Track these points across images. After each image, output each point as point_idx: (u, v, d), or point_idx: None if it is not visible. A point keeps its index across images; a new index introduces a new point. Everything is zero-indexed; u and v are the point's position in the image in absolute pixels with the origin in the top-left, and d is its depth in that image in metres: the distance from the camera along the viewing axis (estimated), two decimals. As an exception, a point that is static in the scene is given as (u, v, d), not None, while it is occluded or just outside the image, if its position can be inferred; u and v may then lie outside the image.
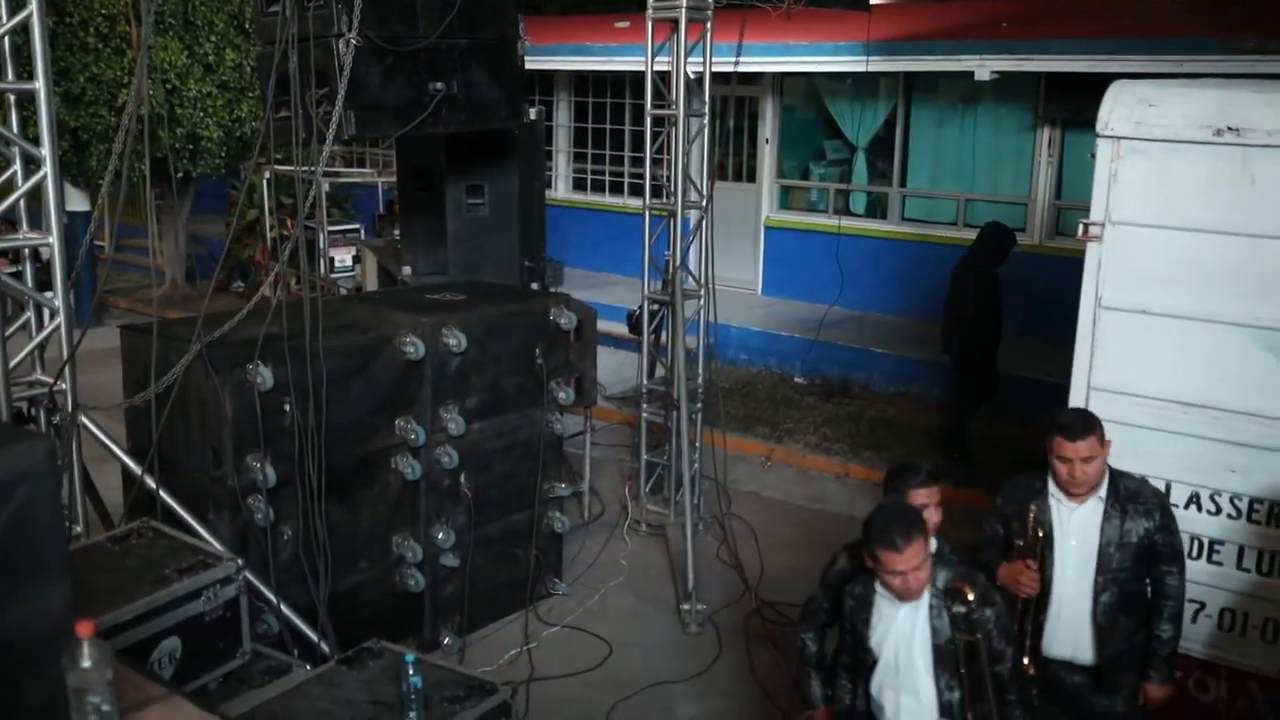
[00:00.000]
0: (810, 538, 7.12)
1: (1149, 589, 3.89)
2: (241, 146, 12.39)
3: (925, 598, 3.35)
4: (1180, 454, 4.43)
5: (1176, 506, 4.47)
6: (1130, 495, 3.84)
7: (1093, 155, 4.46)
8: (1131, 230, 4.39)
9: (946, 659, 3.34)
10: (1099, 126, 4.39)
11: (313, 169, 5.12)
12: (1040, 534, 3.88)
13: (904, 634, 3.36)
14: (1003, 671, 3.38)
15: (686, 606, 6.14)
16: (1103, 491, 3.84)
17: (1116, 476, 3.88)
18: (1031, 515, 3.88)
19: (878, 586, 3.38)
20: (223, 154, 12.29)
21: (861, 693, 3.52)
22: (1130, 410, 4.49)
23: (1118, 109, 4.36)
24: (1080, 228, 4.52)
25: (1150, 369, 4.44)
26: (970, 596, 3.32)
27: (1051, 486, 3.88)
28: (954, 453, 8.36)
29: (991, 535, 4.12)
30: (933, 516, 3.63)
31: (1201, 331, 4.32)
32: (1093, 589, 3.83)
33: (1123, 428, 4.51)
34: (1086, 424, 3.80)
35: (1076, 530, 3.84)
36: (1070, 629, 3.91)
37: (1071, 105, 10.22)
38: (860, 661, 3.49)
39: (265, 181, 12.33)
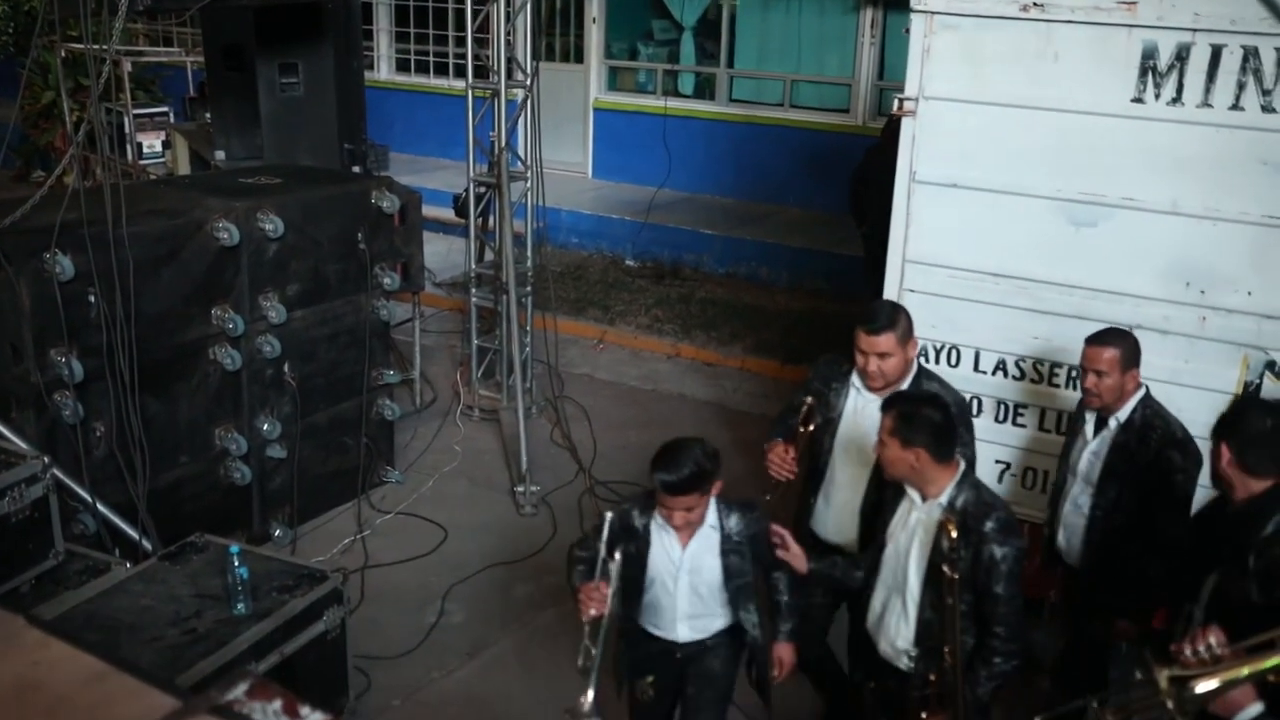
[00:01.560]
0: (643, 417, 7.23)
1: None
2: (30, 21, 11.50)
3: (935, 510, 3.31)
4: (989, 323, 4.64)
5: (984, 374, 4.71)
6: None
7: (908, 31, 4.53)
8: (943, 105, 4.50)
9: (935, 579, 3.29)
10: (913, 1, 4.46)
11: (106, 47, 4.78)
12: (811, 426, 3.91)
13: (905, 536, 3.39)
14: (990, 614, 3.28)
15: (520, 489, 6.19)
16: (901, 389, 3.80)
17: (922, 378, 3.86)
18: (806, 405, 3.91)
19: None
20: (9, 30, 11.39)
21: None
22: (943, 282, 4.67)
23: (932, -16, 4.42)
24: (895, 103, 4.61)
25: (961, 241, 4.61)
26: (953, 534, 3.19)
27: (855, 374, 3.89)
28: None
29: (793, 405, 4.07)
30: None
31: (1009, 204, 4.49)
32: (865, 484, 3.84)
33: (936, 299, 4.70)
34: (889, 319, 3.77)
35: (867, 421, 3.75)
36: (838, 516, 3.97)
37: (892, -15, 10.35)
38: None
39: (59, 61, 11.50)
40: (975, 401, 4.70)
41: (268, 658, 3.73)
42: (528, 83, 6.86)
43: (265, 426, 5.44)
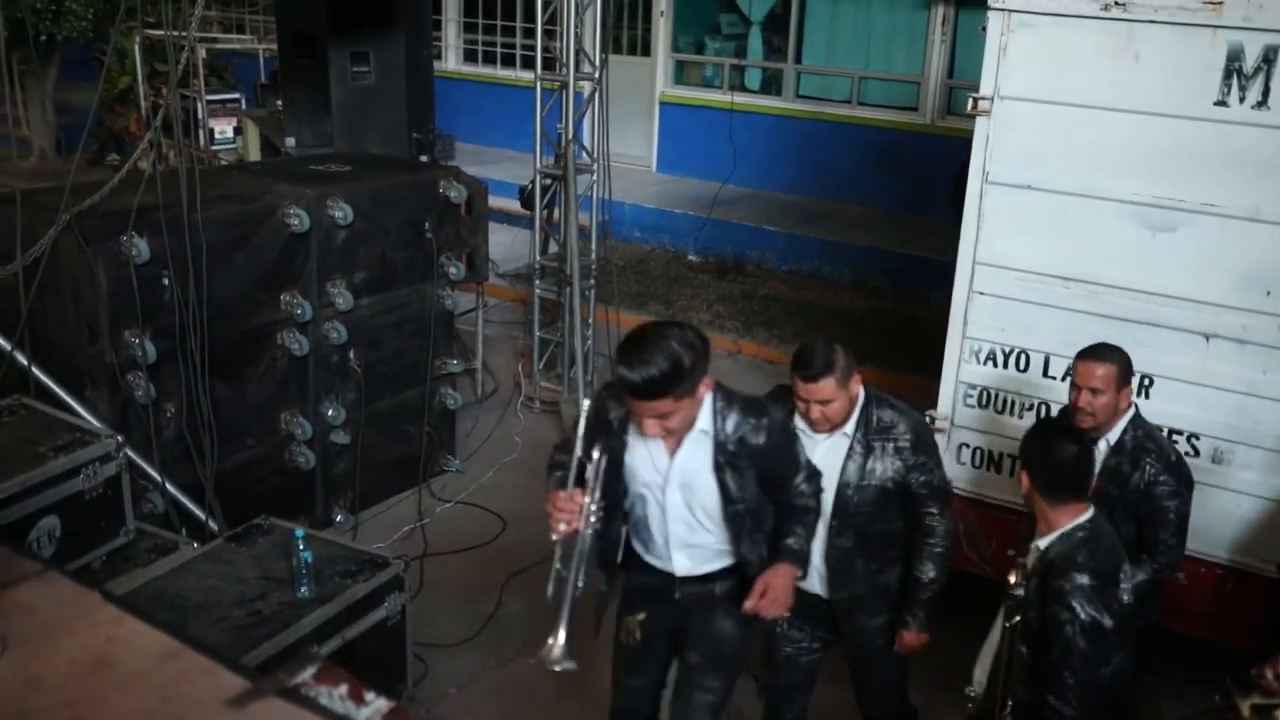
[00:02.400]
0: (702, 413, 7.21)
1: (907, 527, 3.59)
2: (109, 8, 11.71)
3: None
4: (1059, 328, 4.55)
5: (1054, 379, 4.63)
6: (881, 430, 3.47)
7: (984, 29, 4.46)
8: (1019, 105, 4.42)
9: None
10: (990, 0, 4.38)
11: (184, 33, 4.86)
12: None
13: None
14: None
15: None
16: (850, 426, 3.48)
17: (871, 405, 3.50)
18: None
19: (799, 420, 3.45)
20: (89, 16, 11.60)
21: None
22: (1013, 285, 4.59)
23: (1010, -18, 4.35)
24: (970, 102, 4.55)
25: (1033, 244, 4.53)
26: (1012, 582, 3.18)
27: (797, 416, 3.50)
28: None
29: None
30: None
31: (1082, 207, 4.40)
32: (826, 531, 3.50)
33: (1006, 302, 4.63)
34: (825, 363, 3.37)
35: (819, 462, 3.43)
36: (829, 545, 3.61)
37: (965, -18, 10.22)
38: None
39: (136, 46, 11.70)
40: (1044, 407, 4.63)
41: (330, 641, 3.78)
42: (596, 75, 6.86)
43: (330, 412, 5.50)
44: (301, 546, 3.78)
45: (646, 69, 12.53)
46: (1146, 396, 4.36)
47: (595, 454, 2.96)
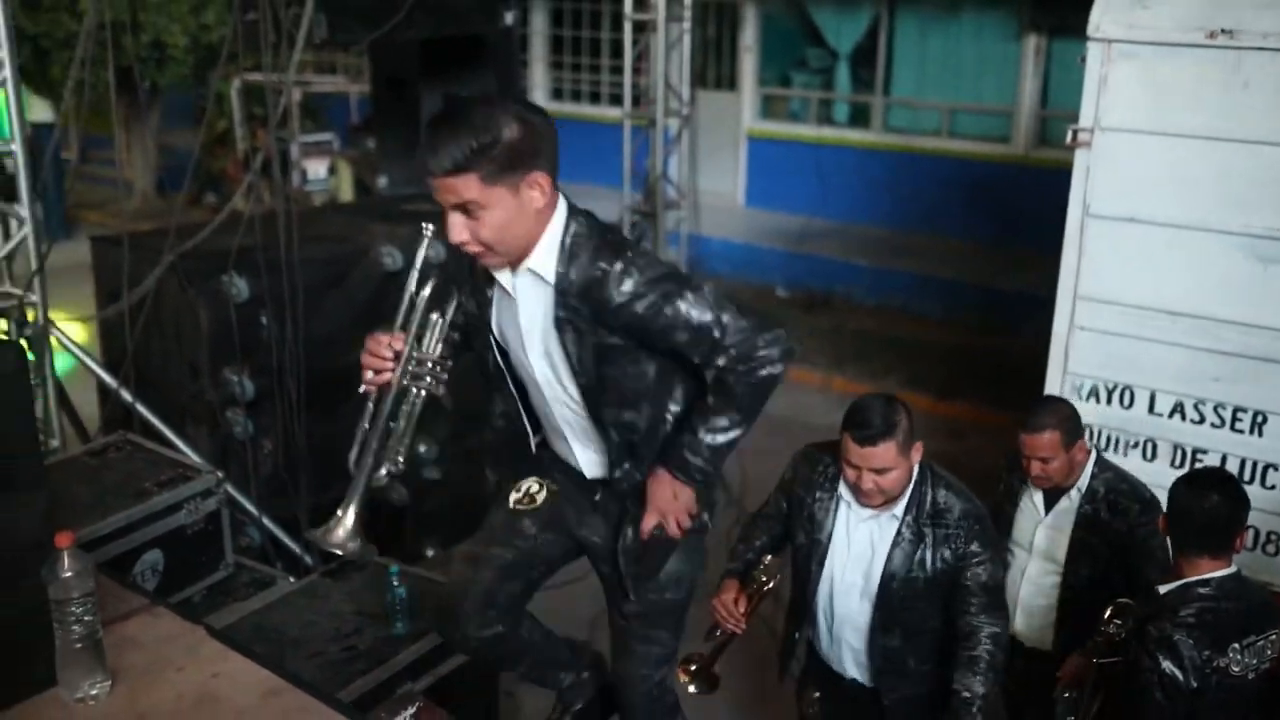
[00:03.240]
0: (792, 448, 7.10)
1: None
2: (209, 54, 12.08)
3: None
4: (1165, 363, 4.42)
5: (1160, 416, 4.49)
6: (935, 515, 3.08)
7: (1082, 60, 4.37)
8: (1121, 136, 4.32)
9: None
10: (1090, 29, 4.29)
11: (283, 76, 4.98)
12: (767, 582, 3.27)
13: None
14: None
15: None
16: (899, 507, 3.09)
17: (926, 483, 3.10)
18: (766, 563, 3.29)
19: None
20: (189, 62, 11.99)
21: None
22: (1116, 319, 4.47)
23: (1109, 11, 4.26)
24: (1069, 134, 4.45)
25: (1137, 277, 4.40)
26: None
27: (843, 483, 3.15)
28: None
29: (770, 509, 3.49)
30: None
31: (1189, 239, 4.28)
32: (869, 621, 3.17)
33: (1108, 337, 4.51)
34: (886, 422, 2.98)
35: (862, 543, 3.15)
36: (852, 650, 3.29)
37: (1058, 11, 10.07)
38: None
39: (235, 91, 12.05)
40: (1150, 445, 4.49)
41: (423, 678, 3.77)
42: (685, 112, 6.88)
43: (422, 449, 5.54)
44: (396, 582, 3.79)
45: (733, 104, 12.55)
46: (1260, 434, 4.20)
47: (427, 290, 2.45)
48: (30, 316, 4.68)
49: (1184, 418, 4.40)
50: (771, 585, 3.28)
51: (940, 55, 11.37)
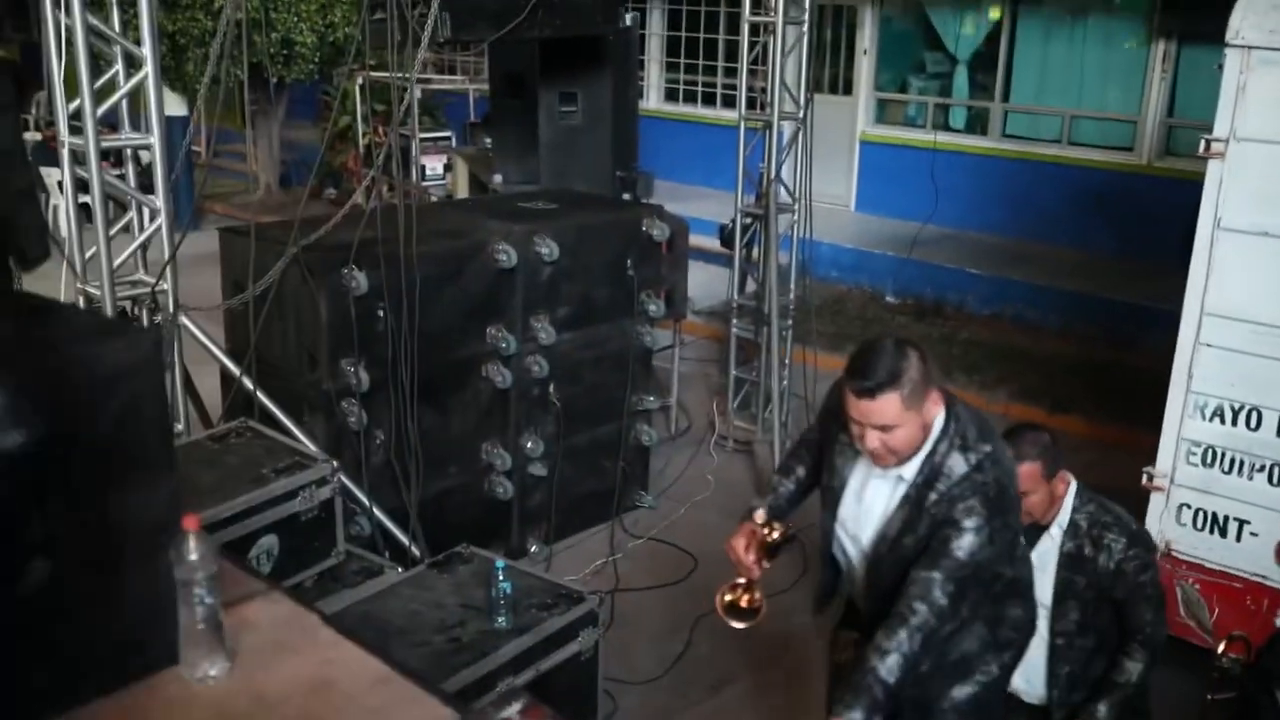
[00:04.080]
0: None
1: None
2: (335, 52, 12.39)
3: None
4: (1297, 384, 4.26)
5: (1288, 438, 4.32)
6: (934, 478, 2.77)
7: (1220, 67, 4.23)
8: (1258, 147, 4.17)
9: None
10: (1229, 35, 4.15)
11: (407, 75, 5.07)
12: (778, 540, 3.00)
13: None
14: None
15: (772, 523, 6.11)
16: (910, 469, 2.79)
17: (945, 441, 2.76)
18: (778, 530, 2.99)
19: None
20: (316, 59, 12.31)
21: None
22: (1246, 337, 4.31)
23: (1250, 16, 4.12)
24: (1202, 144, 4.30)
25: (1269, 295, 4.25)
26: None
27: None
28: None
29: (812, 434, 3.26)
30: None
31: (1328, 257, 4.11)
32: (863, 581, 3.03)
33: (1237, 355, 4.35)
34: (891, 373, 2.65)
35: (871, 500, 2.92)
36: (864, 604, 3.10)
37: (1189, 17, 9.75)
38: None
39: (358, 88, 12.33)
40: (1276, 469, 4.32)
41: (524, 673, 3.81)
42: (800, 115, 6.83)
43: (529, 444, 5.61)
44: (501, 577, 3.83)
45: (848, 108, 12.43)
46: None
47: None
48: (161, 304, 4.85)
49: (1316, 442, 4.23)
50: (780, 539, 3.01)
51: (1063, 61, 11.10)
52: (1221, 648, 3.12)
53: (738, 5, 7.16)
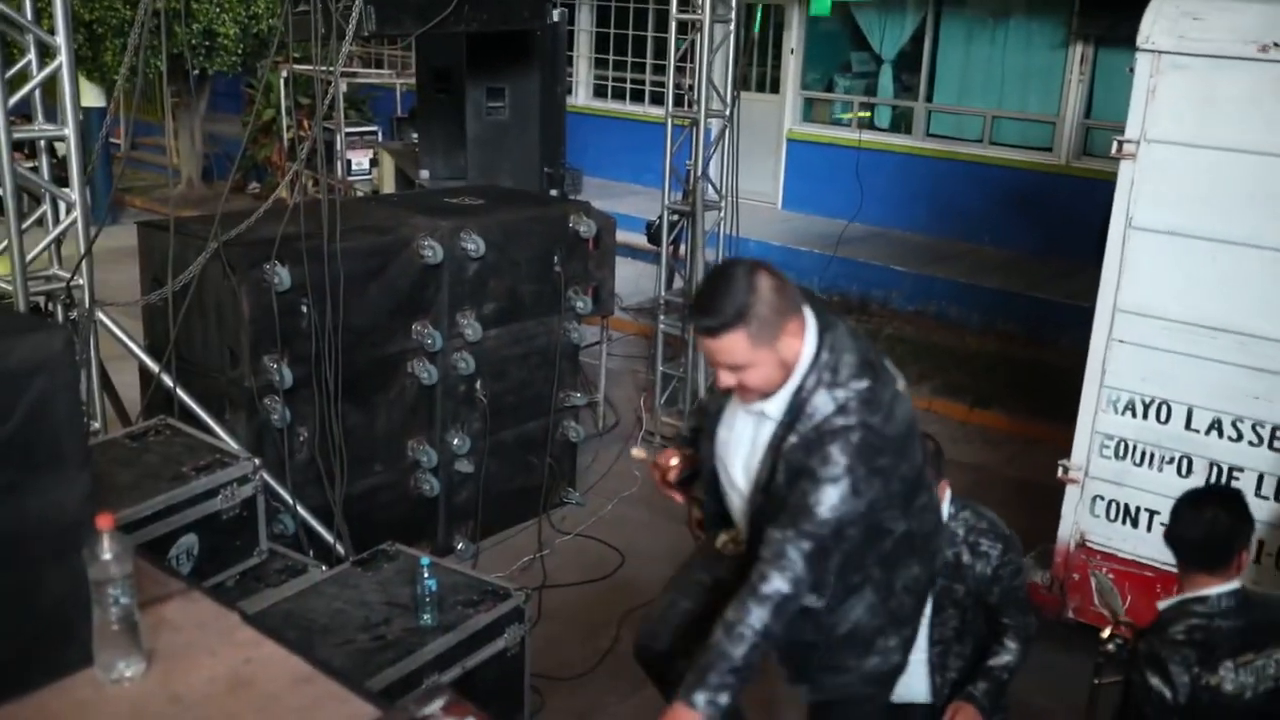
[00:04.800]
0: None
1: None
2: (258, 44, 12.20)
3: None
4: (1204, 379, 4.39)
5: (1196, 432, 4.45)
6: (797, 417, 2.54)
7: (1131, 70, 4.34)
8: (1167, 149, 4.29)
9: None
10: (1140, 40, 4.27)
11: (331, 68, 5.02)
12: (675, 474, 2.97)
13: None
14: None
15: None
16: (775, 406, 2.57)
17: (810, 382, 2.53)
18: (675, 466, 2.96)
19: None
20: (239, 51, 12.11)
21: None
22: (1156, 334, 4.45)
23: (1160, 22, 4.24)
24: (1114, 145, 4.42)
25: (1178, 292, 4.38)
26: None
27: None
28: None
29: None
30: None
31: (1234, 255, 4.25)
32: (747, 525, 2.80)
33: (1147, 351, 4.48)
34: (737, 310, 2.44)
35: (735, 436, 2.75)
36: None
37: (1105, 21, 9.97)
38: None
39: (282, 80, 12.17)
40: (1185, 461, 4.46)
41: (450, 670, 3.80)
42: (727, 113, 6.88)
43: (455, 441, 5.58)
44: (427, 574, 3.82)
45: (775, 106, 12.52)
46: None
47: None
48: (76, 300, 4.75)
49: (1221, 434, 4.38)
50: (680, 475, 2.96)
51: (984, 63, 11.30)
52: (1107, 632, 3.21)
53: (666, 3, 7.19)
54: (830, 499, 2.46)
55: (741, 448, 2.70)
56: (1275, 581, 4.30)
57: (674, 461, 2.93)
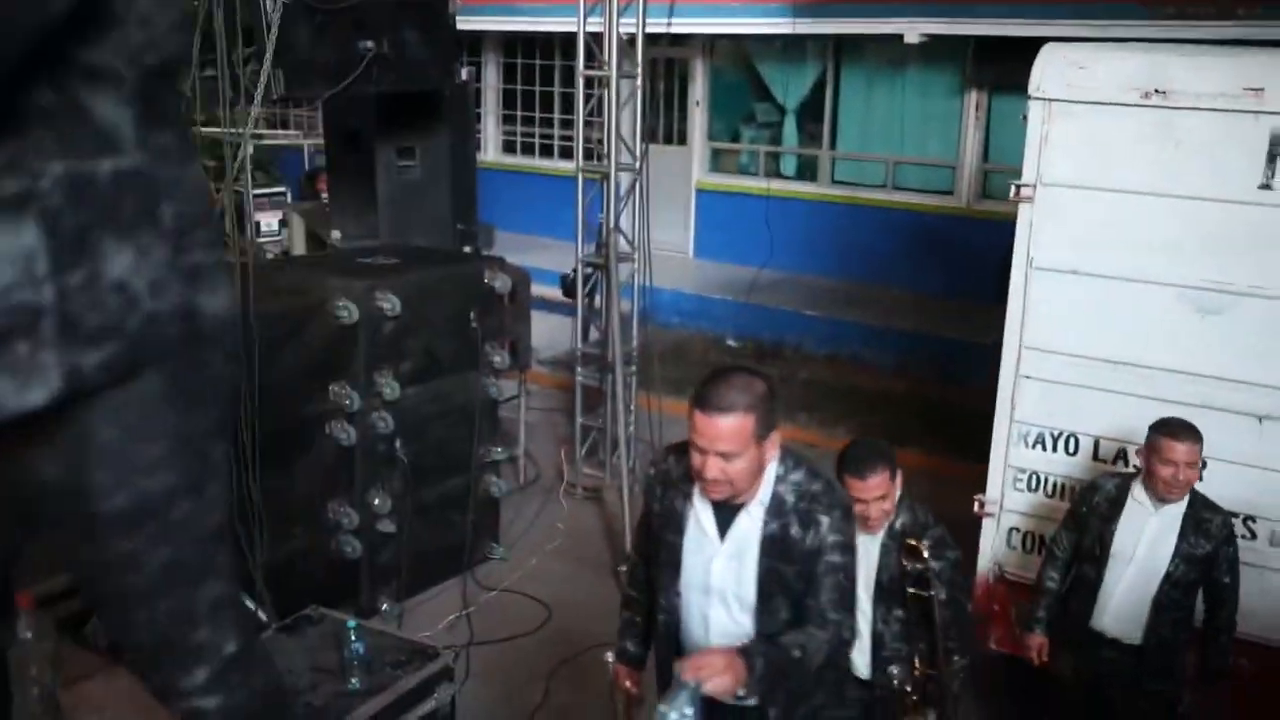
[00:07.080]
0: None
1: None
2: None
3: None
4: (1108, 411, 4.54)
5: (1103, 462, 4.59)
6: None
7: (1024, 118, 4.52)
8: (1062, 191, 4.46)
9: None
10: (1031, 88, 4.45)
11: (241, 131, 5.00)
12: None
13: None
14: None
15: (624, 568, 6.16)
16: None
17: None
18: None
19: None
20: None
21: None
22: (1061, 368, 4.59)
23: (1049, 71, 4.42)
24: (1012, 189, 4.59)
25: (1080, 328, 4.53)
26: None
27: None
28: None
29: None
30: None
31: (1130, 291, 4.42)
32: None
33: (1053, 385, 4.63)
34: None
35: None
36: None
37: (998, 69, 10.34)
38: None
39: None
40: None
41: (379, 734, 3.75)
42: (637, 166, 6.97)
43: (376, 501, 5.52)
44: (354, 638, 3.77)
45: (683, 157, 12.71)
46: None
47: None
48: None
49: (1127, 463, 4.51)
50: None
51: (884, 110, 11.62)
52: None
53: (572, 59, 7.29)
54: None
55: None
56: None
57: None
